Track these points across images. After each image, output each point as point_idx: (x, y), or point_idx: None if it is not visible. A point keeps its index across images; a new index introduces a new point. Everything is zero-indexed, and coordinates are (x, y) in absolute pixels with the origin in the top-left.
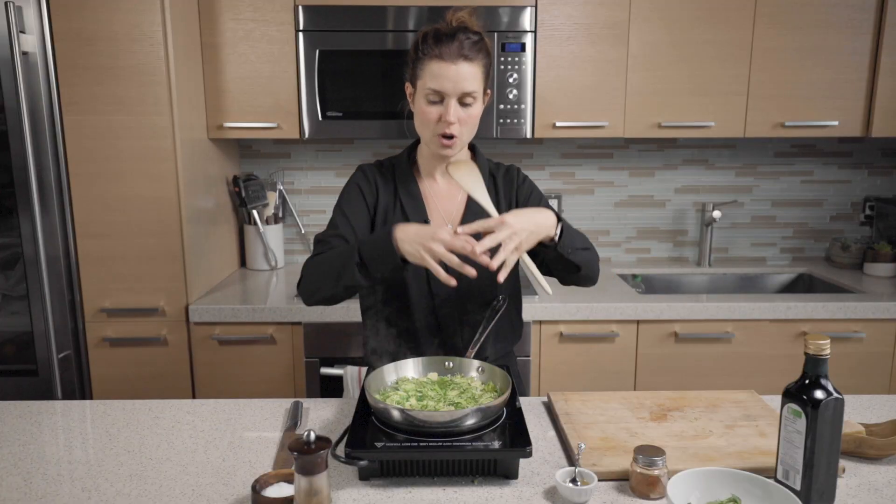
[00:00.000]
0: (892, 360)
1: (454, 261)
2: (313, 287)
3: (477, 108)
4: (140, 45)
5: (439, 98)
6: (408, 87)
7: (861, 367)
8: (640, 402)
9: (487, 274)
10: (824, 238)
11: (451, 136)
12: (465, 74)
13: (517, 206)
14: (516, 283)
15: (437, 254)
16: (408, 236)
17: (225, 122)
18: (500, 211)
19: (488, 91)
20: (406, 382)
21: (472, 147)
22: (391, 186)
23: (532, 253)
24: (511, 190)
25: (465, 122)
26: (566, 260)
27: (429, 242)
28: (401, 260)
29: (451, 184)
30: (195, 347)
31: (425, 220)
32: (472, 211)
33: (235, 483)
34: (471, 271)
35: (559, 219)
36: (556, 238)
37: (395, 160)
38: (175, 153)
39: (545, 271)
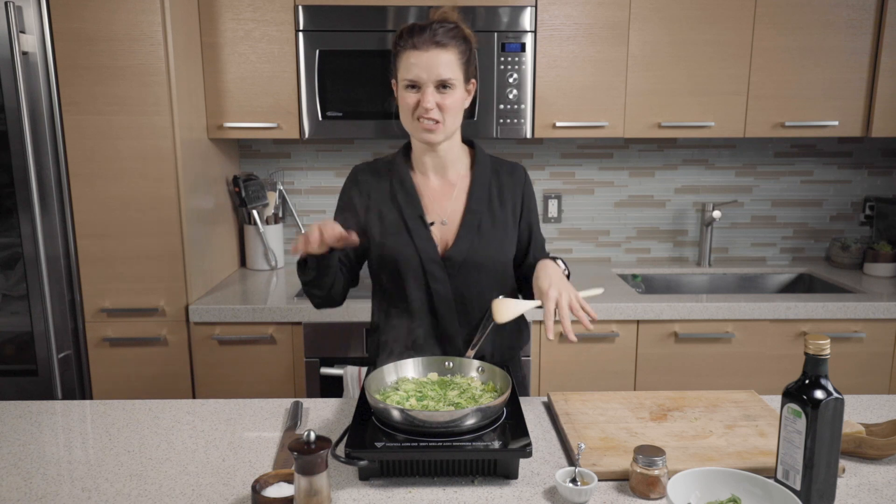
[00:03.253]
0: (892, 360)
1: (314, 235)
2: (317, 302)
3: (457, 96)
4: (140, 45)
5: (416, 86)
6: (393, 84)
7: (861, 367)
8: (640, 402)
9: (487, 275)
10: (824, 238)
11: (431, 120)
12: (439, 61)
13: (521, 207)
14: (513, 287)
15: (312, 232)
16: None
17: (225, 122)
18: (506, 205)
19: (473, 80)
20: (406, 382)
21: (472, 144)
22: (385, 183)
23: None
24: (517, 189)
25: (445, 108)
26: None
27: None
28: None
29: (446, 182)
30: (195, 347)
31: (421, 216)
32: (472, 209)
33: (235, 483)
34: (353, 239)
35: (558, 260)
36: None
37: (392, 157)
38: (175, 153)
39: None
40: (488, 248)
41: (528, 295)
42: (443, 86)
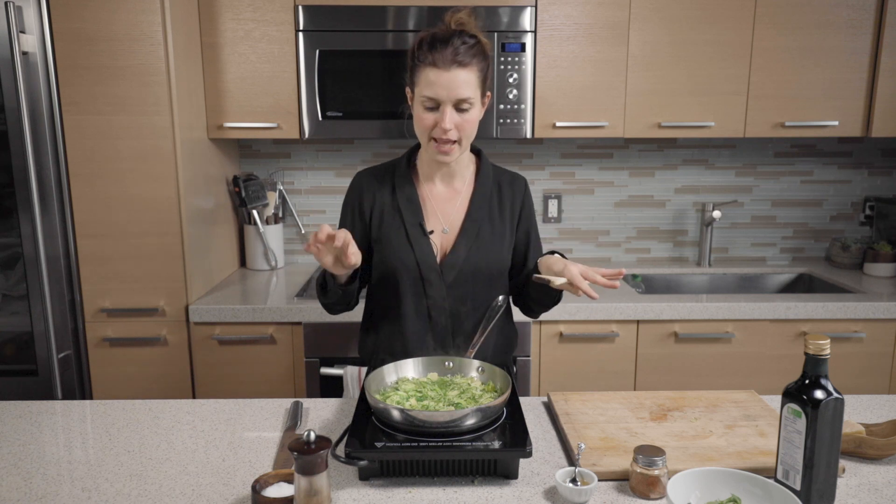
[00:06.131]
0: (892, 360)
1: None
2: (332, 312)
3: (474, 113)
4: (140, 45)
5: (435, 105)
6: (408, 91)
7: (861, 367)
8: (640, 402)
9: (483, 282)
10: (824, 238)
11: (448, 142)
12: (460, 81)
13: (519, 217)
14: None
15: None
16: None
17: (225, 122)
18: (505, 215)
19: (488, 94)
20: (406, 382)
21: (477, 153)
22: (388, 189)
23: (523, 286)
24: (517, 199)
25: (462, 127)
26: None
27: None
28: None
29: (452, 189)
30: (195, 347)
31: (421, 223)
32: (472, 218)
33: (235, 483)
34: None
35: (556, 254)
36: None
37: (395, 163)
38: (175, 153)
39: (525, 299)
40: (486, 256)
41: (522, 302)
42: (461, 105)
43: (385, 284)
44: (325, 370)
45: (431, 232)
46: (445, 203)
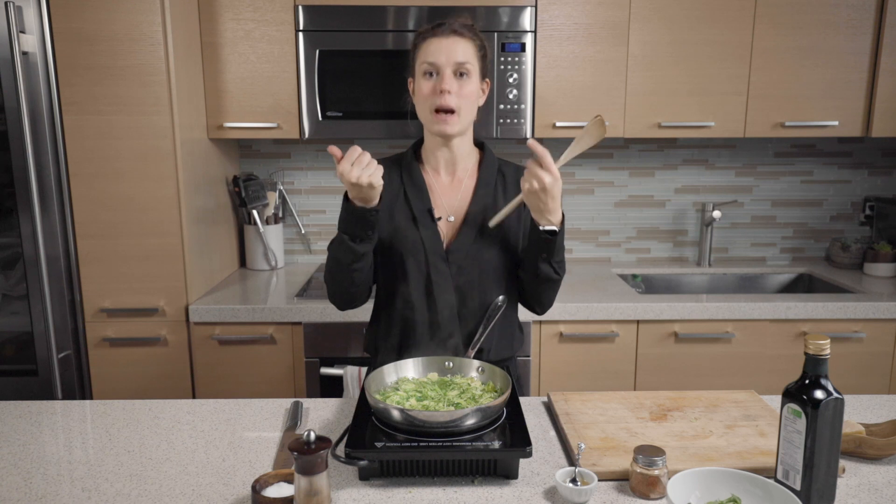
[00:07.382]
0: (892, 360)
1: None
2: (335, 289)
3: (473, 85)
4: (140, 45)
5: (435, 70)
6: (409, 83)
7: (861, 367)
8: (640, 402)
9: (488, 272)
10: (824, 238)
11: (448, 111)
12: (458, 47)
13: (525, 206)
14: (514, 289)
15: (347, 177)
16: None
17: (225, 122)
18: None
19: (487, 80)
20: (406, 382)
21: (481, 145)
22: (396, 179)
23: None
24: (521, 188)
25: (461, 95)
26: (548, 263)
27: (344, 178)
28: (359, 209)
29: (455, 178)
30: (195, 347)
31: (430, 210)
32: (476, 206)
33: (235, 483)
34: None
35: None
36: (557, 227)
37: (400, 155)
38: (175, 153)
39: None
40: (491, 246)
41: (528, 298)
42: (460, 73)
43: (392, 271)
44: (325, 370)
45: (440, 218)
46: (449, 192)
